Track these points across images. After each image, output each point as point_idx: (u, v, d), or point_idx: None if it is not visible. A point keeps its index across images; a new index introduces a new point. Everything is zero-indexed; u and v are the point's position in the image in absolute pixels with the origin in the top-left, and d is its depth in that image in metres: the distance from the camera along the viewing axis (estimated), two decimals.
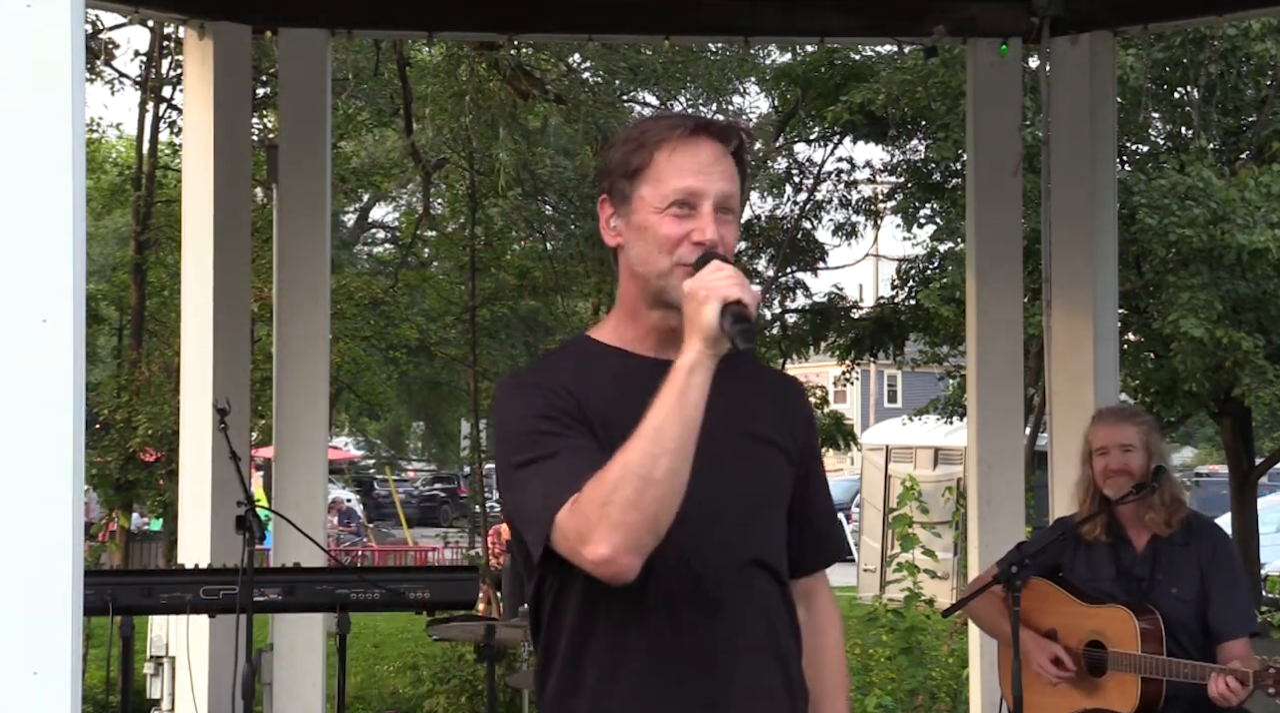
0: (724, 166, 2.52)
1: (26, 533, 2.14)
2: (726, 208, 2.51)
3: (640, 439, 2.35)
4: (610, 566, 2.38)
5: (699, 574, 2.50)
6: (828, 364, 19.71)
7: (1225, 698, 4.45)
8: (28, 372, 2.15)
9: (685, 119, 2.57)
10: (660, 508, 2.36)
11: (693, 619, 2.50)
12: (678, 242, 2.48)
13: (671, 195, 2.49)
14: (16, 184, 2.17)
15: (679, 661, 2.49)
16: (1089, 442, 4.93)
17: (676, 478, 2.36)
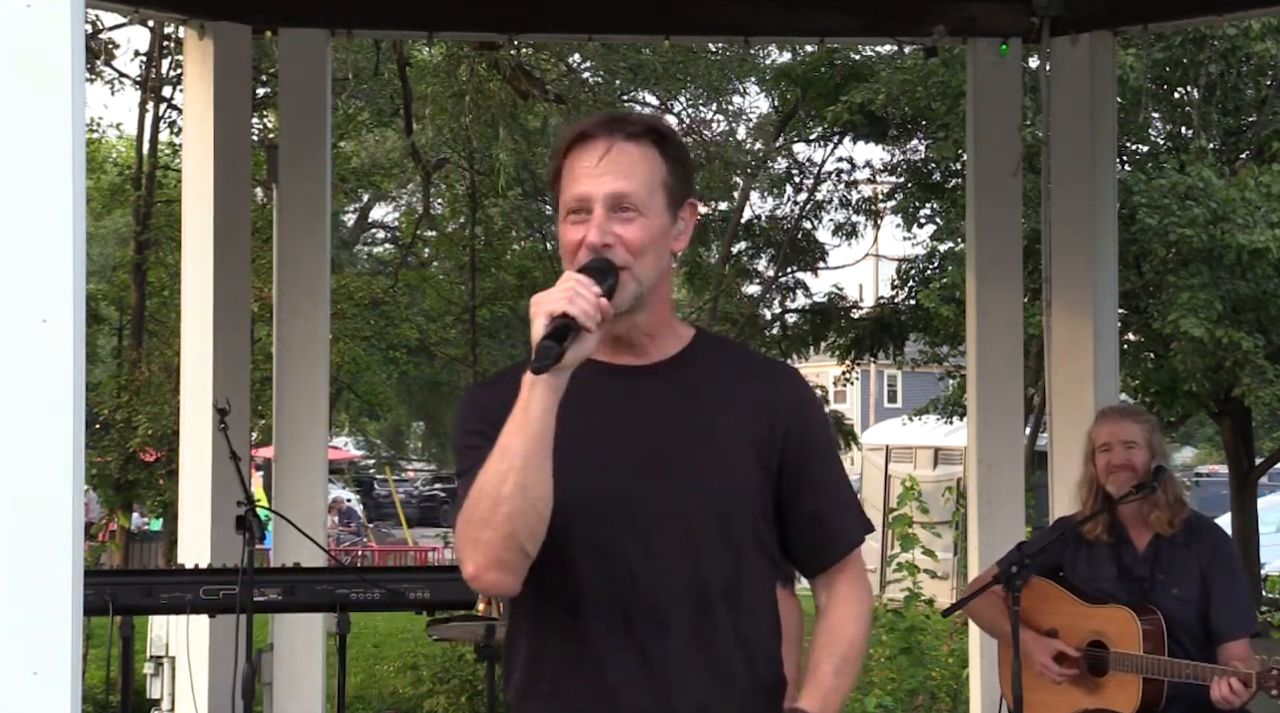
0: (617, 163, 2.48)
1: (26, 533, 2.14)
2: (622, 205, 2.47)
3: (491, 458, 2.38)
4: (477, 583, 2.44)
5: (644, 592, 2.47)
6: (828, 364, 19.71)
7: (1228, 700, 4.44)
8: (28, 372, 2.16)
9: (581, 123, 2.57)
10: (515, 524, 2.37)
11: (631, 638, 2.47)
12: (576, 247, 2.47)
13: (568, 203, 2.49)
14: (16, 184, 2.17)
15: (619, 676, 2.47)
16: (1092, 439, 4.93)
17: (527, 494, 2.36)
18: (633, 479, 2.47)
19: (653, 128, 2.55)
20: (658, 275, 2.52)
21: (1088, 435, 4.99)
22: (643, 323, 2.53)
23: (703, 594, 2.49)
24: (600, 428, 2.48)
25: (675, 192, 2.54)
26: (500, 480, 2.37)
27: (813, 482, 2.60)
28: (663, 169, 2.52)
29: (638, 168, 2.49)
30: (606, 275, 2.42)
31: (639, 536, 2.47)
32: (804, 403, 2.63)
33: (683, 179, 2.56)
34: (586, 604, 2.48)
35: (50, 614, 2.14)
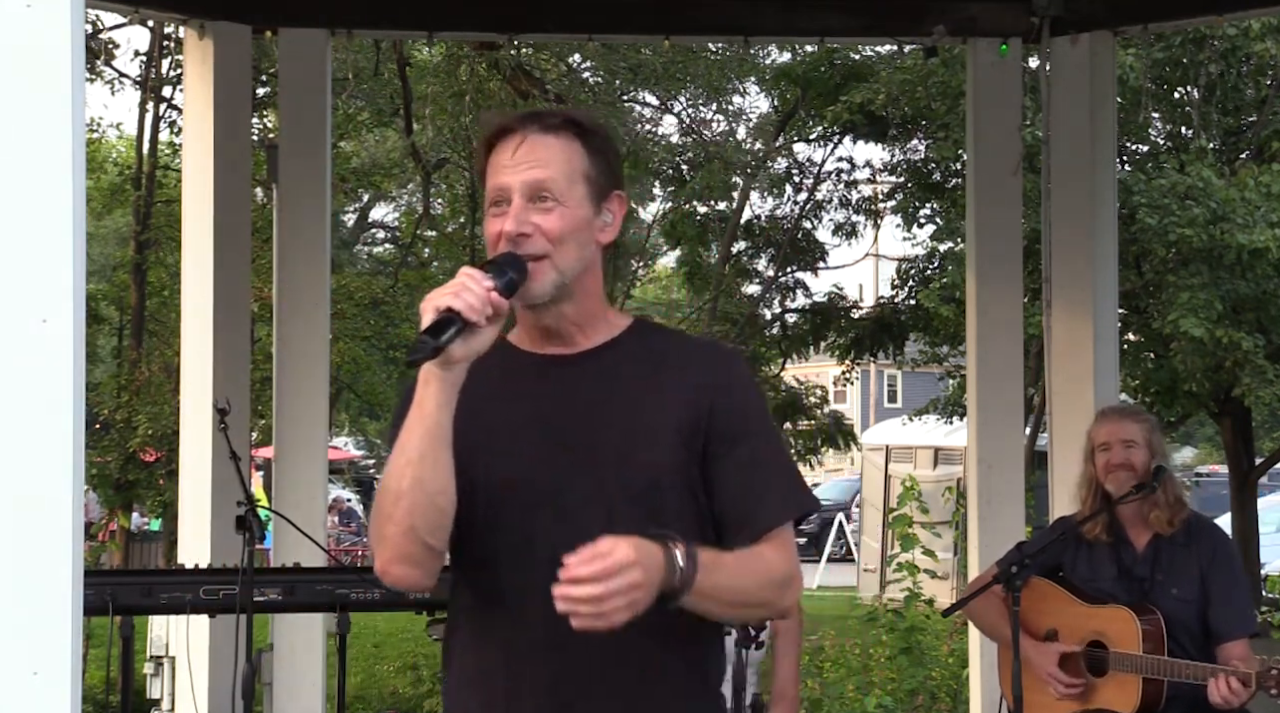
0: (534, 153, 2.49)
1: (26, 533, 2.14)
2: (540, 194, 2.48)
3: (392, 454, 2.42)
4: (385, 578, 2.47)
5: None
6: (828, 364, 19.71)
7: (1228, 700, 4.44)
8: (28, 372, 2.15)
9: (501, 117, 2.59)
10: (414, 518, 2.40)
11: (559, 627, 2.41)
12: (497, 240, 2.49)
13: (490, 195, 2.52)
14: (16, 184, 2.17)
15: (542, 668, 2.47)
16: (1091, 439, 4.94)
17: (424, 487, 2.39)
18: (556, 468, 2.48)
19: (572, 120, 2.56)
20: (581, 265, 2.52)
21: (1087, 435, 4.99)
22: (570, 313, 2.53)
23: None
24: (525, 418, 2.48)
25: (598, 183, 2.54)
26: (399, 476, 2.40)
27: (736, 462, 2.52)
28: (583, 161, 2.53)
29: (555, 158, 2.51)
30: (508, 269, 2.43)
31: (563, 525, 2.46)
32: (732, 383, 2.57)
33: (606, 171, 2.56)
34: (512, 594, 2.49)
35: (50, 614, 2.14)
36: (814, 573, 21.14)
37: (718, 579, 2.40)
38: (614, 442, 2.48)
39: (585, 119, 2.60)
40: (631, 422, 2.51)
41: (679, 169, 16.81)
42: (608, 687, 2.48)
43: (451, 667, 2.60)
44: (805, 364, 19.73)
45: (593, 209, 2.54)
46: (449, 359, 2.37)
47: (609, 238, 2.57)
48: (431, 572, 2.47)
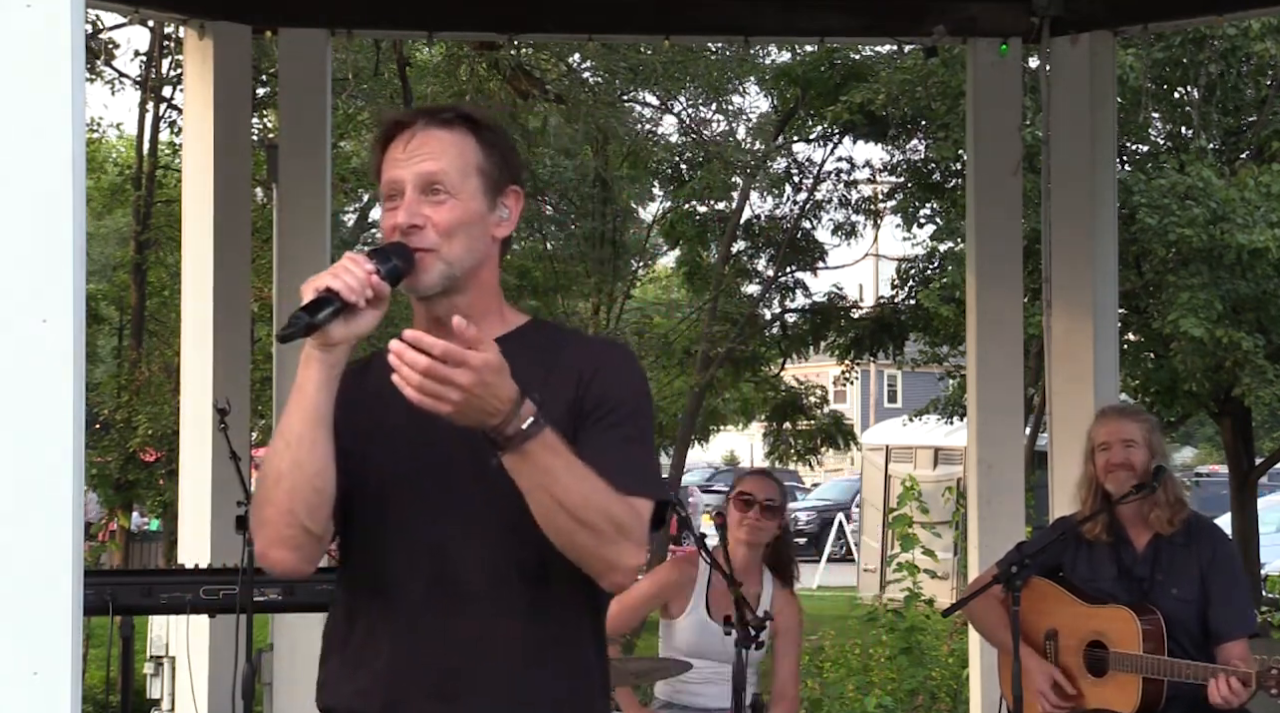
0: (426, 146, 2.52)
1: (26, 533, 2.14)
2: (432, 187, 2.51)
3: (273, 437, 2.46)
4: (264, 561, 2.51)
5: (447, 568, 2.49)
6: (827, 364, 19.70)
7: (1228, 700, 4.45)
8: (28, 372, 2.15)
9: (395, 114, 2.62)
10: (294, 501, 2.43)
11: (440, 614, 2.48)
12: (390, 233, 2.52)
13: (384, 189, 2.54)
14: (17, 184, 2.17)
15: (422, 654, 2.48)
16: (1091, 438, 4.94)
17: (301, 470, 2.41)
18: (439, 460, 2.49)
19: (466, 115, 2.58)
20: (473, 259, 2.54)
21: (1087, 435, 4.99)
22: (461, 306, 2.53)
23: (505, 573, 2.49)
24: (409, 409, 2.42)
25: (493, 178, 2.57)
26: (279, 458, 2.42)
27: (601, 441, 2.48)
28: (477, 154, 2.56)
29: (448, 151, 2.53)
30: (392, 256, 2.46)
31: (441, 515, 2.49)
32: (607, 368, 2.56)
33: (502, 166, 2.58)
34: (391, 584, 2.51)
35: (50, 614, 2.14)
36: (814, 573, 21.14)
37: (555, 463, 2.34)
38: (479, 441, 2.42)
39: (479, 115, 2.62)
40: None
41: (679, 169, 16.80)
42: (490, 673, 2.49)
43: (330, 658, 2.60)
44: (805, 364, 19.72)
45: (487, 203, 2.56)
46: (327, 340, 2.39)
47: (505, 232, 2.60)
48: (311, 557, 2.49)
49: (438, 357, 2.24)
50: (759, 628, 4.39)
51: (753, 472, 5.64)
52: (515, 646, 2.49)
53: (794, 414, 16.94)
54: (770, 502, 5.28)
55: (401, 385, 2.27)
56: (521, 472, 2.35)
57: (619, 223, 18.10)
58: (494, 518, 2.48)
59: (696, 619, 5.27)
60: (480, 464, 2.42)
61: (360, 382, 2.53)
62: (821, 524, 25.51)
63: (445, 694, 2.48)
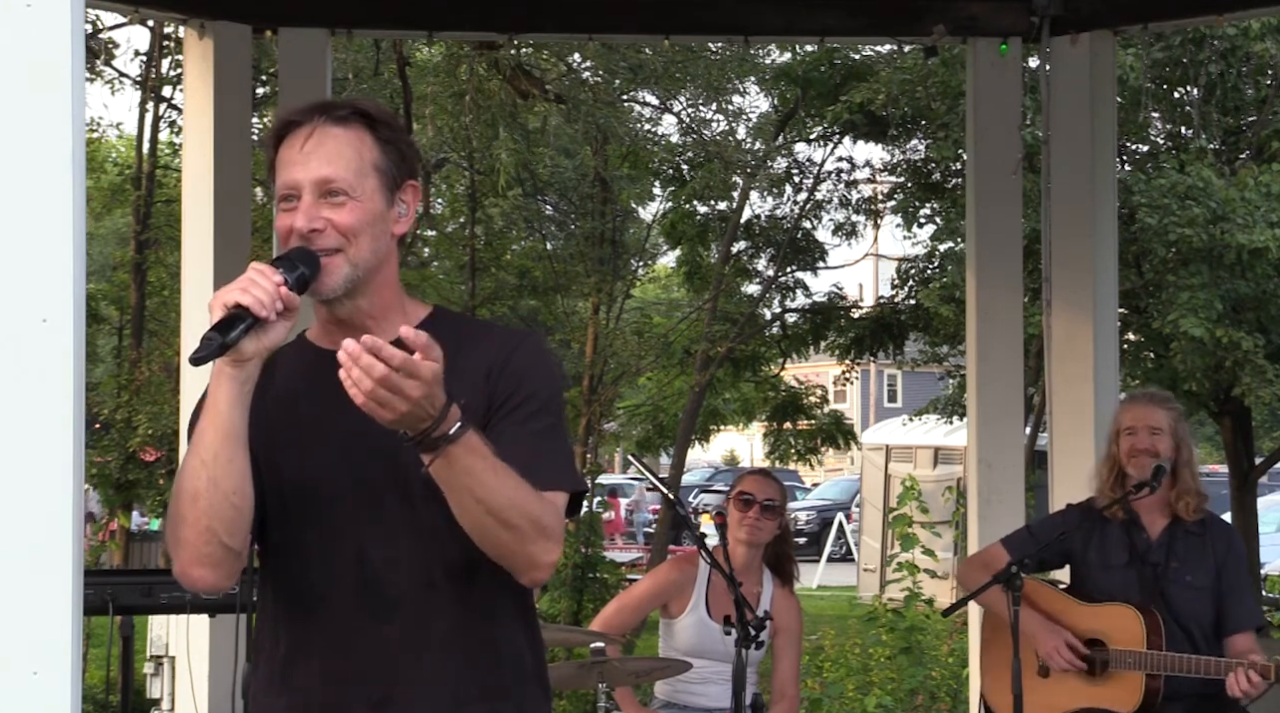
0: (324, 148, 2.48)
1: (26, 533, 2.14)
2: (331, 190, 2.47)
3: (188, 454, 2.40)
4: (184, 580, 2.44)
5: (373, 573, 2.47)
6: (827, 364, 19.70)
7: (1247, 693, 4.45)
8: (28, 372, 2.15)
9: (288, 111, 2.55)
10: (211, 518, 2.38)
11: (368, 619, 2.46)
12: (287, 235, 2.49)
13: (279, 191, 2.50)
14: (16, 184, 2.17)
15: (353, 660, 2.47)
16: (1117, 421, 4.96)
17: (218, 487, 2.37)
18: (356, 460, 2.47)
19: (361, 111, 2.53)
20: (375, 258, 2.51)
21: (1114, 417, 5.03)
22: (364, 306, 2.52)
23: (430, 575, 2.47)
24: (321, 414, 2.45)
25: (390, 174, 2.53)
26: (194, 476, 2.39)
27: (504, 440, 2.44)
28: (374, 152, 2.51)
29: (344, 152, 2.49)
30: (299, 264, 2.42)
31: (362, 520, 2.47)
32: (516, 359, 2.54)
33: (398, 161, 2.54)
34: (316, 592, 2.49)
35: (50, 614, 2.14)
36: (814, 573, 21.14)
37: (477, 465, 2.34)
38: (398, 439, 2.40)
39: (374, 109, 2.57)
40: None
41: (679, 169, 16.80)
42: (422, 677, 2.48)
43: (259, 667, 2.58)
44: (805, 364, 19.72)
45: (385, 201, 2.52)
46: (239, 356, 2.35)
47: (404, 229, 2.56)
48: (231, 573, 2.45)
49: (395, 367, 2.21)
50: (759, 628, 4.39)
51: (753, 472, 5.64)
52: (447, 647, 2.48)
53: (794, 414, 16.94)
54: (770, 502, 5.28)
55: (351, 390, 2.24)
56: (445, 474, 2.34)
57: (619, 223, 18.10)
58: (415, 520, 2.47)
59: (696, 619, 5.27)
60: (398, 467, 2.41)
61: (262, 386, 2.45)
62: (821, 524, 25.52)
63: (381, 702, 2.46)
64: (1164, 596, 4.75)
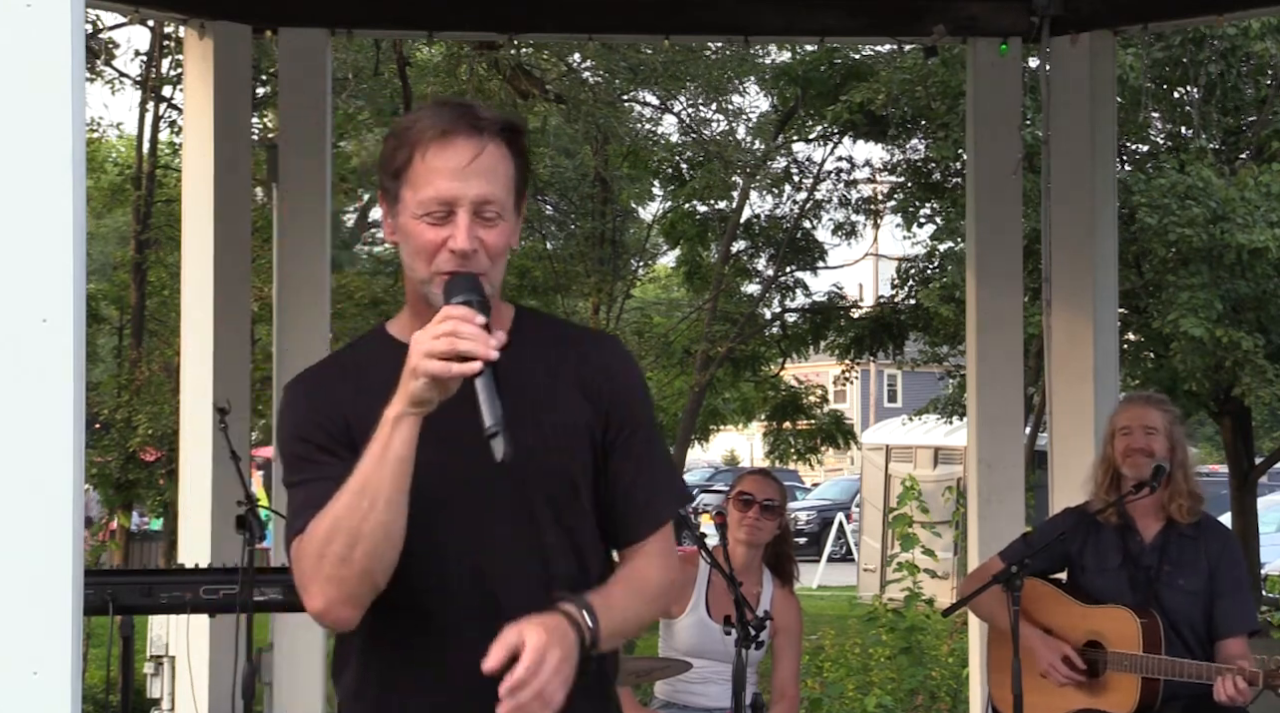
0: (484, 165, 2.40)
1: (26, 533, 2.14)
2: (488, 210, 2.40)
3: (349, 493, 2.32)
4: (324, 618, 2.38)
5: (488, 591, 2.44)
6: (827, 364, 19.70)
7: (1234, 698, 4.44)
8: (28, 371, 2.15)
9: (440, 116, 2.42)
10: (371, 562, 2.33)
11: (481, 634, 2.38)
12: (435, 249, 2.39)
13: (426, 204, 2.39)
14: (17, 184, 2.17)
15: (465, 676, 2.39)
16: (1113, 422, 4.96)
17: (387, 531, 2.32)
18: (469, 475, 2.43)
19: (510, 125, 2.47)
20: (500, 277, 2.47)
21: (1109, 419, 5.02)
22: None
23: (547, 585, 2.45)
24: (437, 426, 2.38)
25: (521, 190, 2.49)
26: (360, 518, 2.31)
27: (629, 456, 2.50)
28: (512, 168, 2.46)
29: (498, 170, 2.42)
30: (472, 294, 2.35)
31: (475, 532, 2.44)
32: (625, 375, 2.56)
33: (526, 175, 2.50)
34: (431, 601, 2.44)
35: (50, 614, 2.14)
36: (814, 573, 21.14)
37: (614, 620, 2.41)
38: (528, 443, 2.40)
39: (519, 123, 2.52)
40: (543, 421, 2.47)
41: (679, 169, 16.81)
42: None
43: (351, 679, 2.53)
44: (805, 364, 19.73)
45: (518, 217, 2.49)
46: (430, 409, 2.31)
47: (516, 242, 2.52)
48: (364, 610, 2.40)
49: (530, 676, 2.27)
50: (759, 628, 4.39)
51: (753, 472, 5.64)
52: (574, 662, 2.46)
53: (794, 414, 16.95)
54: (770, 502, 5.28)
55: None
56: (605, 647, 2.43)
57: (619, 223, 18.11)
58: (530, 533, 2.46)
59: (696, 619, 5.27)
60: (513, 478, 2.40)
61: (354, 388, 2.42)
62: (821, 524, 25.51)
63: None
64: (1157, 599, 4.75)
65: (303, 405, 2.49)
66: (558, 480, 2.47)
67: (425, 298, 2.44)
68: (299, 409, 2.49)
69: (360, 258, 23.53)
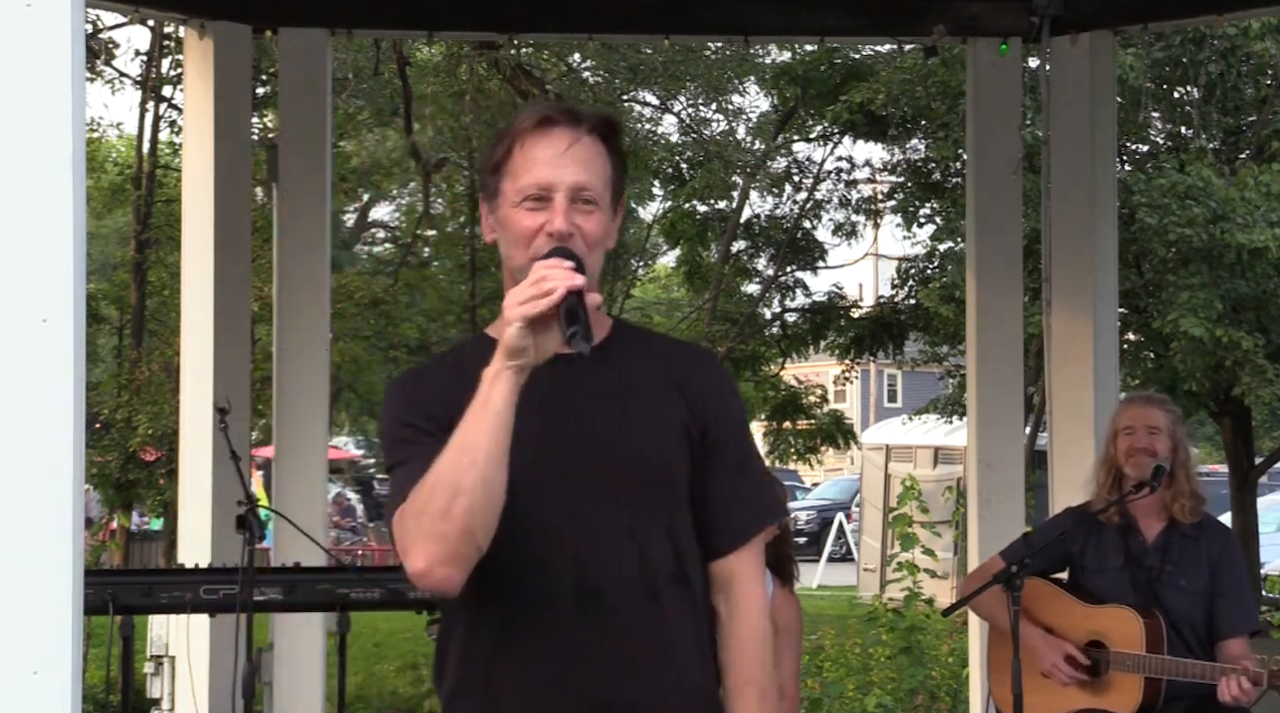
0: (580, 154, 2.47)
1: (26, 533, 2.14)
2: (584, 197, 2.46)
3: (450, 450, 2.34)
4: (427, 578, 2.38)
5: (591, 580, 2.46)
6: (827, 363, 19.70)
7: (1238, 699, 4.44)
8: (28, 372, 2.15)
9: (539, 109, 2.52)
10: (473, 518, 2.34)
11: (583, 625, 2.44)
12: (533, 235, 2.45)
13: (525, 190, 2.46)
14: (17, 184, 2.17)
15: (567, 666, 2.45)
16: (1115, 423, 4.95)
17: (488, 487, 2.34)
18: (573, 467, 2.46)
19: (608, 122, 2.54)
20: (599, 271, 2.52)
21: (1112, 419, 5.02)
22: None
23: (653, 583, 2.48)
24: (539, 417, 2.43)
25: (618, 189, 2.54)
26: (461, 473, 2.33)
27: (724, 465, 2.57)
28: (609, 165, 2.52)
29: (595, 162, 2.49)
30: (569, 257, 2.40)
31: (583, 525, 2.46)
32: (722, 386, 2.63)
33: (623, 176, 2.56)
34: (532, 597, 2.46)
35: (50, 614, 2.14)
36: (814, 573, 21.14)
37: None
38: (626, 440, 2.48)
39: (616, 122, 2.59)
40: (641, 420, 2.52)
41: (679, 169, 16.81)
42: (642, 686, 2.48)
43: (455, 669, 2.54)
44: (805, 364, 19.72)
45: (613, 215, 2.54)
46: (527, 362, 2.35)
47: (613, 243, 2.57)
48: (468, 574, 2.40)
49: None
50: None
51: None
52: (668, 656, 2.50)
53: (794, 414, 16.94)
54: None
55: None
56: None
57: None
58: (635, 526, 2.48)
59: None
60: (621, 471, 2.45)
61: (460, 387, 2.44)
62: (821, 524, 25.50)
63: (603, 707, 2.46)
64: (1158, 599, 4.75)
65: (407, 394, 2.55)
66: (656, 472, 2.51)
67: None
68: (403, 398, 2.54)
69: (360, 258, 23.55)
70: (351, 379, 19.16)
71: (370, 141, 19.15)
